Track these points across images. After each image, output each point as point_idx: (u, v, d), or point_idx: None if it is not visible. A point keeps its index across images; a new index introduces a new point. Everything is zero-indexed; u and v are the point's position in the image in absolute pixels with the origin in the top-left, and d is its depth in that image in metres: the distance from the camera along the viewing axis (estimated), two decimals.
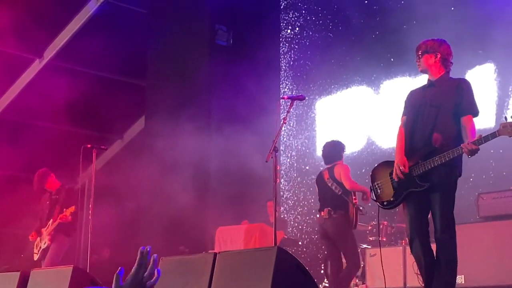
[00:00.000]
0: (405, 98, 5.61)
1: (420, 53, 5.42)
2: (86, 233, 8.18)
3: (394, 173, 5.33)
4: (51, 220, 8.47)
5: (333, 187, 7.49)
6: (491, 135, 4.94)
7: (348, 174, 7.51)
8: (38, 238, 8.67)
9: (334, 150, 7.88)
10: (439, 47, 5.40)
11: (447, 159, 5.07)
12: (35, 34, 11.77)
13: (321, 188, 7.73)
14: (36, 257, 8.64)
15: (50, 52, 12.44)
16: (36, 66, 12.62)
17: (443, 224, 5.13)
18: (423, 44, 5.43)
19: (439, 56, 5.38)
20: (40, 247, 8.57)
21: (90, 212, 8.15)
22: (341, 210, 7.42)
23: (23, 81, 12.77)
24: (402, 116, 5.55)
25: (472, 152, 4.98)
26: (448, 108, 5.25)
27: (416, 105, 5.43)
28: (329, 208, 7.46)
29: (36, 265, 8.40)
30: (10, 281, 6.65)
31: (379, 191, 5.54)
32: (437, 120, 5.25)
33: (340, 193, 7.41)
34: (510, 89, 9.34)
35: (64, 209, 8.32)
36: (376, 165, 5.73)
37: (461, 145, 5.01)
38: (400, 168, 5.27)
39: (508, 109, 9.09)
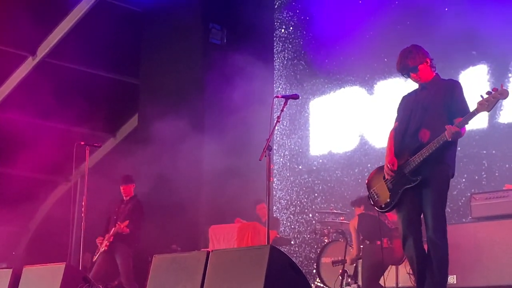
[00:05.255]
0: (398, 101, 5.63)
1: (412, 68, 5.36)
2: (78, 231, 8.18)
3: (385, 172, 5.38)
4: (113, 229, 8.74)
5: (386, 222, 7.61)
6: (471, 114, 5.01)
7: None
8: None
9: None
10: (424, 53, 5.39)
11: (433, 148, 5.12)
12: (28, 31, 11.72)
13: (372, 222, 7.64)
14: (94, 258, 8.89)
15: (43, 50, 12.40)
16: (29, 64, 12.57)
17: (435, 224, 5.16)
18: (409, 60, 5.34)
19: (429, 61, 5.40)
20: (99, 250, 8.81)
21: (83, 209, 8.16)
22: (392, 242, 7.50)
23: (15, 79, 12.72)
24: (395, 122, 5.59)
25: (454, 136, 5.03)
26: (438, 107, 5.28)
27: (409, 108, 5.46)
28: (387, 239, 7.49)
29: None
30: (3, 278, 6.66)
31: (376, 197, 5.57)
32: (426, 118, 5.29)
33: (392, 227, 7.48)
34: None
35: (118, 223, 8.65)
36: (369, 173, 5.76)
37: (445, 127, 5.04)
38: (389, 166, 5.33)
39: (502, 109, 9.11)
